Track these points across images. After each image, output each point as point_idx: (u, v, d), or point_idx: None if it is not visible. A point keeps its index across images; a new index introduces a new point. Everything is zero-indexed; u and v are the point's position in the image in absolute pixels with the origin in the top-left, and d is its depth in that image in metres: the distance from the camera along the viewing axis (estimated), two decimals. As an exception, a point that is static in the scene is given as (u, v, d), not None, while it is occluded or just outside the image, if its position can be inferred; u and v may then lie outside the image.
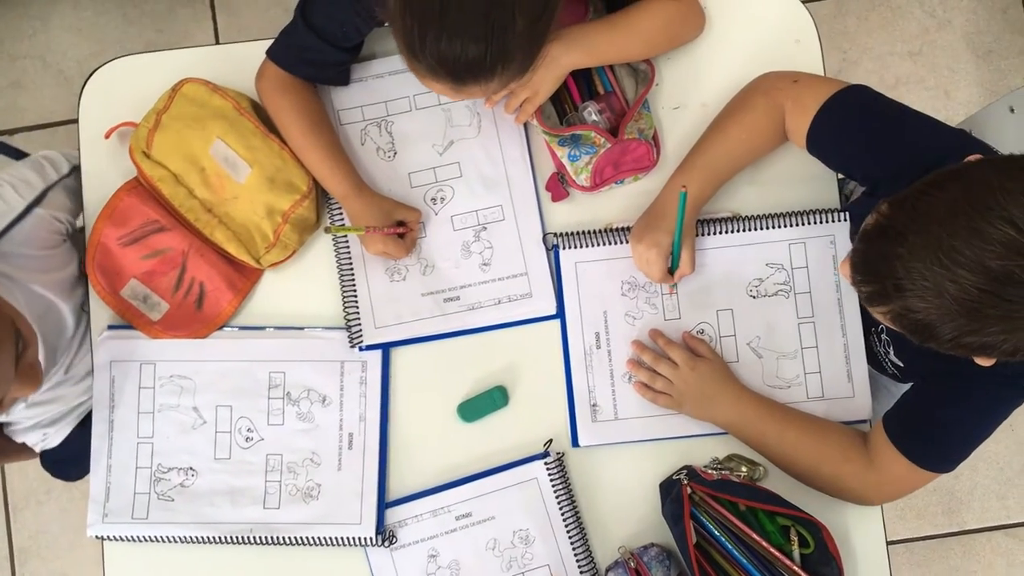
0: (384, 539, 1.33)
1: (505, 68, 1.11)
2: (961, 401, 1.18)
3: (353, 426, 1.35)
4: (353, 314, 1.37)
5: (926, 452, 1.22)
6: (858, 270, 1.02)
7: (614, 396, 1.36)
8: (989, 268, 0.89)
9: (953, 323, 0.94)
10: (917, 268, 0.93)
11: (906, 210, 0.96)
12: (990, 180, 0.92)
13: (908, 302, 0.95)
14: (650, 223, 1.32)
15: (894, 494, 1.28)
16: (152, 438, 1.37)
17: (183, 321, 1.38)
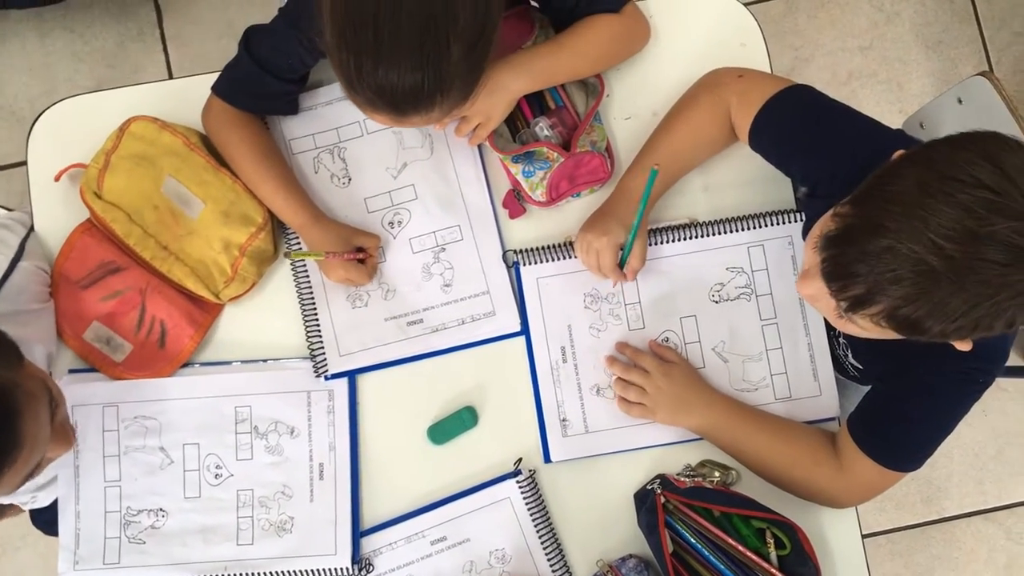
0: (361, 568, 1.32)
1: (445, 97, 1.11)
2: (920, 399, 1.19)
3: (323, 456, 1.34)
4: (317, 343, 1.36)
5: (891, 453, 1.23)
6: (836, 277, 0.98)
7: (583, 410, 1.36)
8: (980, 236, 0.89)
9: (948, 307, 0.92)
10: (902, 253, 0.91)
11: (874, 202, 0.96)
12: (947, 154, 0.93)
13: (898, 294, 0.93)
14: (600, 216, 1.32)
15: (864, 496, 1.29)
16: (119, 481, 1.35)
17: (147, 361, 1.37)
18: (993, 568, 2.31)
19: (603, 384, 1.37)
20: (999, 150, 0.92)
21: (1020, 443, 2.33)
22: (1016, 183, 0.89)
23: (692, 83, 1.37)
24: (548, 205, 1.38)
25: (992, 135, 0.94)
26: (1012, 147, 0.93)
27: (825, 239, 1.00)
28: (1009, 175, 0.90)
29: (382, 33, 1.04)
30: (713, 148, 1.36)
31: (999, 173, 0.90)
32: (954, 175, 0.91)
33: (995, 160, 0.90)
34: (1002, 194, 0.89)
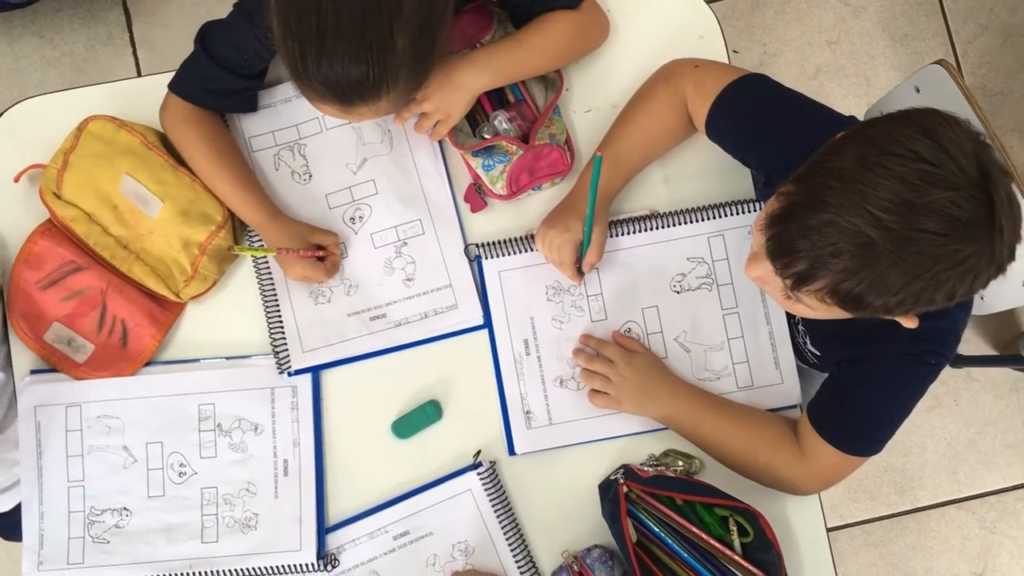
0: (327, 563, 1.32)
1: (391, 87, 1.11)
2: (875, 383, 1.20)
3: (287, 452, 1.34)
4: (280, 340, 1.36)
5: (849, 438, 1.24)
6: (780, 254, 1.00)
7: (547, 401, 1.37)
8: (917, 206, 0.90)
9: (888, 280, 0.94)
10: (843, 226, 0.93)
11: (815, 179, 0.97)
12: (886, 129, 0.95)
13: (839, 269, 0.95)
14: (561, 211, 1.33)
15: (826, 482, 1.29)
16: (83, 481, 1.35)
17: (109, 361, 1.36)
18: (967, 557, 2.32)
19: (566, 376, 1.37)
20: (936, 124, 0.93)
21: (992, 432, 2.35)
22: (952, 155, 0.91)
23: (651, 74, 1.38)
24: (509, 198, 1.38)
25: (930, 111, 0.96)
26: (949, 122, 0.94)
27: (769, 218, 1.01)
28: (945, 147, 0.91)
29: (325, 22, 1.04)
30: (672, 139, 1.37)
31: (935, 146, 0.91)
32: (892, 149, 0.92)
33: (932, 134, 0.92)
34: (938, 166, 0.91)
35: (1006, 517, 2.33)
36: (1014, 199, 0.95)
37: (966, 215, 0.91)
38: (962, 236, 0.92)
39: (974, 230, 0.92)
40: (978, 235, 0.92)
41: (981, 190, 0.92)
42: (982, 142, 0.96)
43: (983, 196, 0.92)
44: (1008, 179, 0.95)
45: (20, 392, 1.36)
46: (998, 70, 2.44)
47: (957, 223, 0.91)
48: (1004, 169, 0.95)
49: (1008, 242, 0.95)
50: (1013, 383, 2.35)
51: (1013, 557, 2.32)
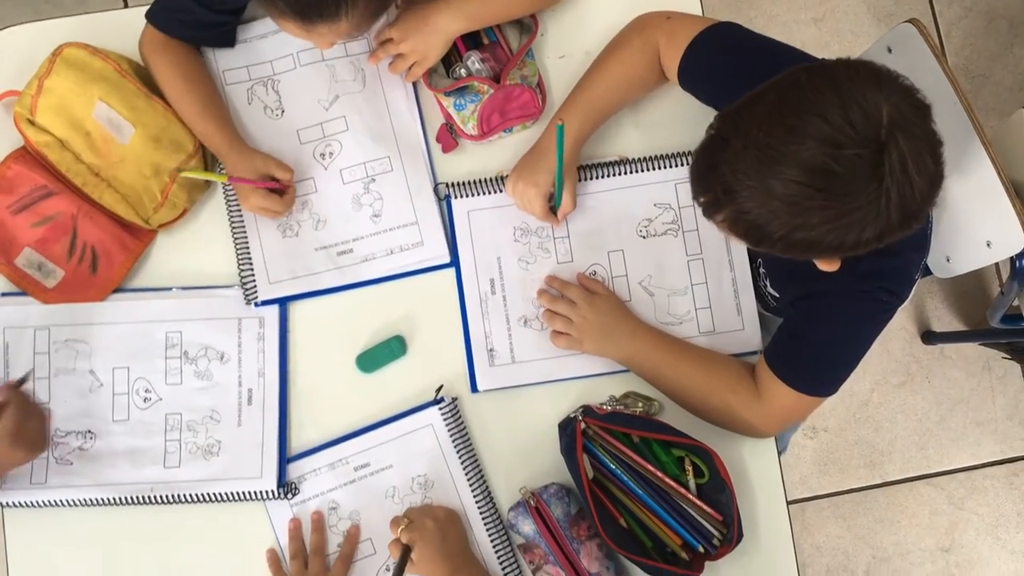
0: (287, 492, 1.33)
1: (351, 8, 1.13)
2: (827, 322, 1.22)
3: (252, 382, 1.36)
4: (247, 270, 1.37)
5: (804, 377, 1.25)
6: (694, 183, 1.06)
7: (511, 340, 1.38)
8: (805, 161, 0.93)
9: (780, 220, 0.97)
10: (741, 169, 0.97)
11: (730, 119, 1.01)
12: (801, 82, 0.97)
13: (739, 204, 0.99)
14: (529, 163, 1.34)
15: (782, 423, 1.31)
16: (49, 403, 1.36)
17: (78, 286, 1.37)
18: (934, 532, 2.34)
19: (531, 316, 1.39)
20: (850, 79, 0.94)
21: (963, 410, 2.37)
22: (849, 112, 0.92)
23: (625, 25, 1.39)
24: (480, 139, 1.39)
25: (861, 64, 0.97)
26: (869, 78, 0.95)
27: (697, 148, 1.05)
28: (847, 103, 0.92)
29: None
30: (643, 88, 1.38)
31: (837, 101, 0.93)
32: (799, 100, 0.95)
33: (840, 88, 0.93)
34: (830, 122, 0.92)
35: (974, 494, 2.35)
36: (918, 166, 0.94)
37: (849, 173, 0.93)
38: (840, 192, 0.94)
39: (855, 188, 0.94)
40: (859, 193, 0.94)
41: (873, 150, 0.92)
42: (908, 101, 0.95)
43: (873, 156, 0.92)
44: (926, 147, 0.95)
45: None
46: (981, 52, 2.45)
47: (835, 179, 0.93)
48: (924, 136, 0.95)
49: (900, 205, 0.95)
50: (985, 362, 2.37)
51: (980, 534, 2.34)
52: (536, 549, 1.30)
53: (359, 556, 1.34)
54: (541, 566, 1.30)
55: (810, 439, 2.36)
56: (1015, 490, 2.35)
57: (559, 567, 1.29)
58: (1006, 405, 2.36)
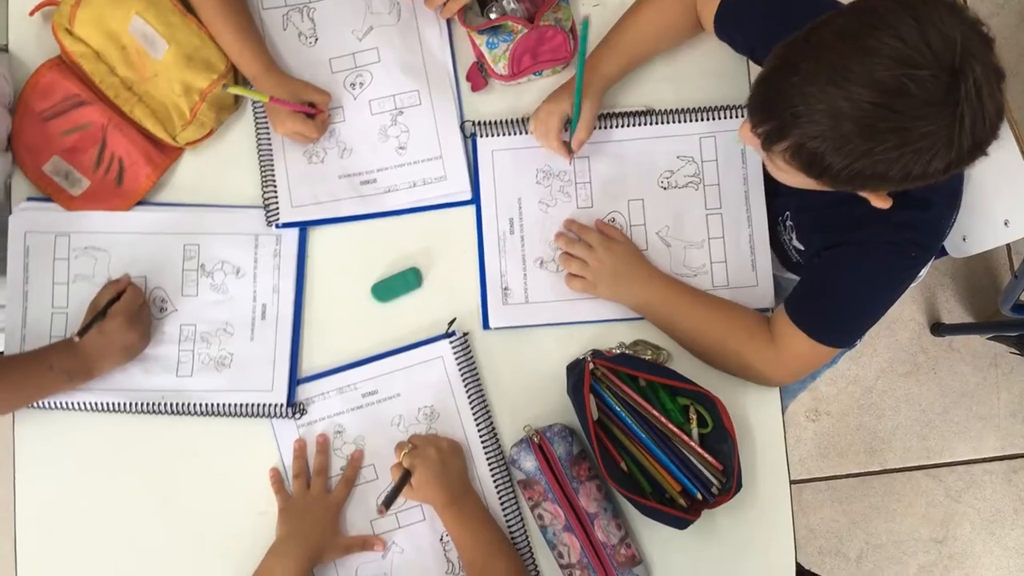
0: (295, 411, 1.35)
1: None
2: (853, 271, 1.22)
3: (266, 297, 1.37)
4: (271, 192, 1.39)
5: (823, 326, 1.25)
6: (755, 111, 1.04)
7: (525, 280, 1.39)
8: (879, 80, 0.92)
9: (848, 147, 0.96)
10: (811, 92, 0.96)
11: (797, 45, 1.00)
12: (875, 5, 0.96)
13: (804, 129, 0.97)
14: (555, 92, 1.36)
15: (796, 371, 1.32)
16: (67, 308, 1.37)
17: (103, 197, 1.39)
18: (929, 523, 2.35)
19: (547, 258, 1.40)
20: (923, 3, 0.94)
21: (966, 404, 2.37)
22: (927, 35, 0.92)
23: None
24: (510, 80, 1.40)
25: None
26: (942, 5, 0.95)
27: (758, 77, 1.04)
28: (924, 27, 0.92)
29: None
30: (677, 36, 1.39)
31: (914, 25, 0.92)
32: (872, 22, 0.94)
33: (916, 12, 0.93)
34: (909, 43, 0.92)
35: (972, 488, 2.36)
36: (989, 94, 0.94)
37: (924, 95, 0.92)
38: (917, 115, 0.93)
39: (931, 111, 0.93)
40: (934, 117, 0.93)
41: (949, 74, 0.92)
42: (976, 32, 0.95)
43: (949, 80, 0.92)
44: (995, 77, 0.95)
45: (13, 217, 1.39)
46: (1012, 49, 2.45)
47: (910, 100, 0.92)
48: (993, 67, 0.95)
49: (972, 132, 0.95)
50: (993, 357, 2.38)
51: (975, 528, 2.35)
52: (536, 486, 1.32)
53: (361, 481, 1.35)
54: (539, 503, 1.32)
55: (812, 422, 2.37)
56: (1013, 487, 2.35)
57: (557, 505, 1.30)
58: (1010, 402, 2.37)
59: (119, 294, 1.31)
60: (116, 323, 1.29)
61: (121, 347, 1.30)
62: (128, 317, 1.30)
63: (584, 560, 1.29)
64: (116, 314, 1.29)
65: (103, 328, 1.28)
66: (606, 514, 1.32)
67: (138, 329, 1.31)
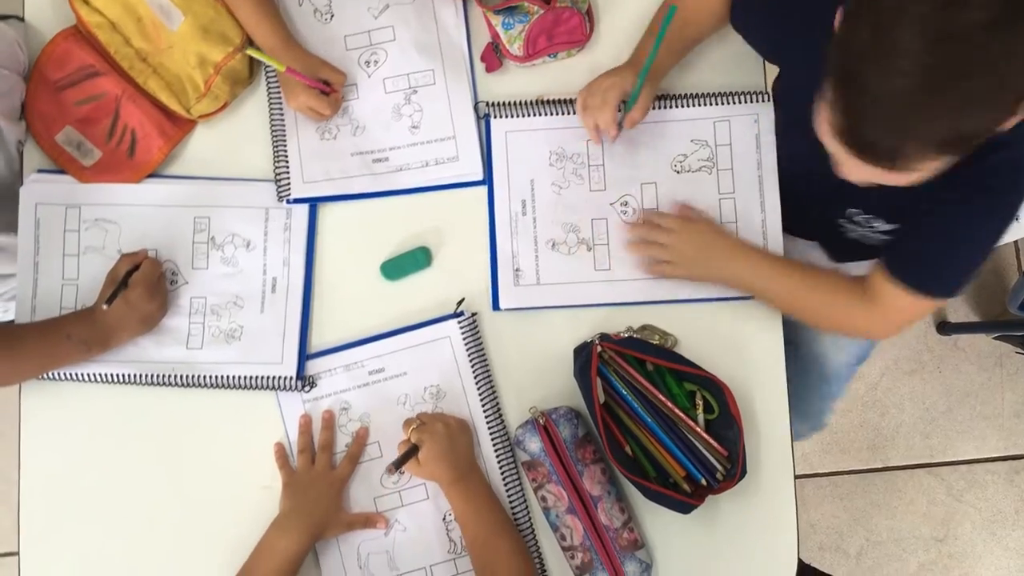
0: (304, 385, 1.35)
1: None
2: (948, 220, 1.18)
3: (277, 270, 1.37)
4: (283, 167, 1.39)
5: (922, 277, 1.23)
6: (866, 154, 0.98)
7: (537, 262, 1.39)
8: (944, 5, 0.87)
9: (970, 82, 0.89)
10: (900, 84, 0.90)
11: (838, 62, 0.96)
12: None
13: (922, 116, 0.92)
14: (619, 68, 1.34)
15: (898, 325, 1.30)
16: (77, 280, 1.37)
17: (115, 168, 1.39)
18: (930, 521, 2.35)
19: (559, 240, 1.40)
20: None
21: (971, 403, 2.37)
22: None
23: None
24: (525, 61, 1.40)
25: None
26: None
27: (835, 130, 1.00)
28: None
29: None
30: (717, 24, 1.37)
31: None
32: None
33: None
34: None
35: (974, 488, 2.36)
36: None
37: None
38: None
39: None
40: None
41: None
42: None
43: None
44: None
45: (24, 188, 1.39)
46: None
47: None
48: None
49: None
50: (998, 357, 2.37)
51: (975, 528, 2.35)
52: (540, 467, 1.31)
53: (365, 458, 1.35)
54: (543, 484, 1.32)
55: (816, 417, 2.36)
56: (1015, 487, 2.35)
57: (561, 487, 1.30)
58: (1015, 402, 2.36)
59: (136, 266, 1.32)
60: (137, 293, 1.29)
61: (141, 317, 1.30)
62: (149, 287, 1.30)
63: (586, 543, 1.29)
64: (137, 284, 1.29)
65: (128, 298, 1.29)
66: (610, 497, 1.31)
67: (157, 300, 1.32)
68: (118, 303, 1.28)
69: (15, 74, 1.37)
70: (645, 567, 1.30)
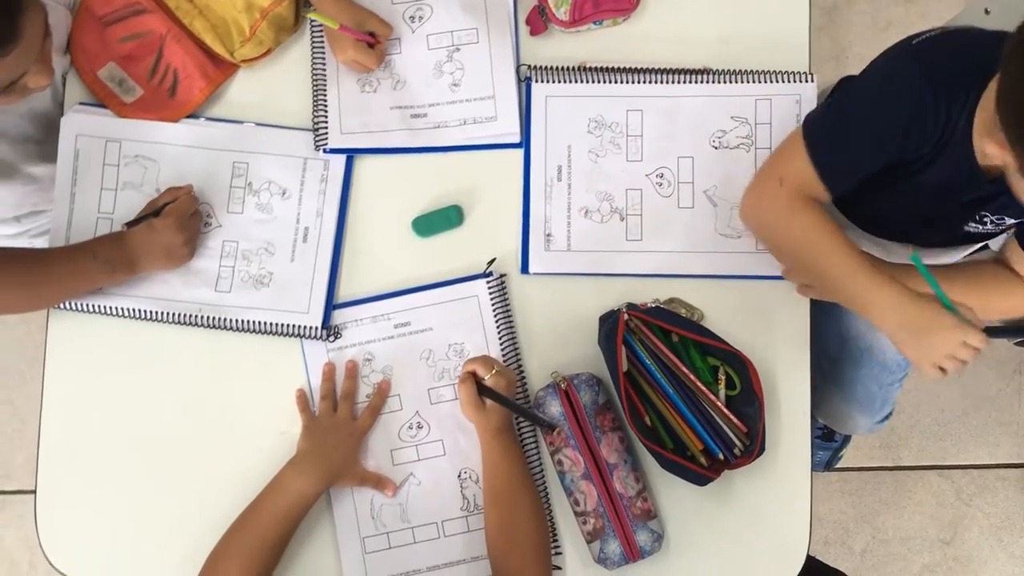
0: (330, 334, 1.35)
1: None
2: None
3: (310, 220, 1.38)
4: (321, 117, 1.39)
5: None
6: None
7: (569, 228, 1.39)
8: None
9: None
10: None
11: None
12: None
13: None
14: (919, 325, 1.19)
15: None
16: (112, 214, 1.38)
17: (155, 106, 1.40)
18: (938, 523, 2.34)
19: (592, 207, 1.40)
20: None
21: (987, 408, 2.36)
22: None
23: None
24: (570, 26, 1.40)
25: None
26: None
27: None
28: None
29: None
30: None
31: None
32: None
33: None
34: None
35: (984, 493, 2.35)
36: None
37: None
38: None
39: None
40: None
41: None
42: None
43: None
44: None
45: (65, 118, 1.40)
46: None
47: None
48: None
49: None
50: (1018, 364, 2.36)
51: (983, 532, 2.34)
52: (559, 432, 1.32)
53: (385, 410, 1.36)
54: (560, 449, 1.32)
55: (830, 411, 2.35)
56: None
57: (578, 452, 1.31)
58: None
59: (175, 200, 1.33)
60: (166, 222, 1.30)
61: (166, 247, 1.31)
62: (179, 219, 1.31)
63: (600, 509, 1.30)
64: (168, 214, 1.30)
65: (153, 224, 1.30)
66: (626, 466, 1.32)
67: (185, 234, 1.32)
68: (142, 228, 1.30)
69: (62, 6, 1.37)
70: (656, 537, 1.31)
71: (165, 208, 1.31)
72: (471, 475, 1.34)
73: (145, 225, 1.30)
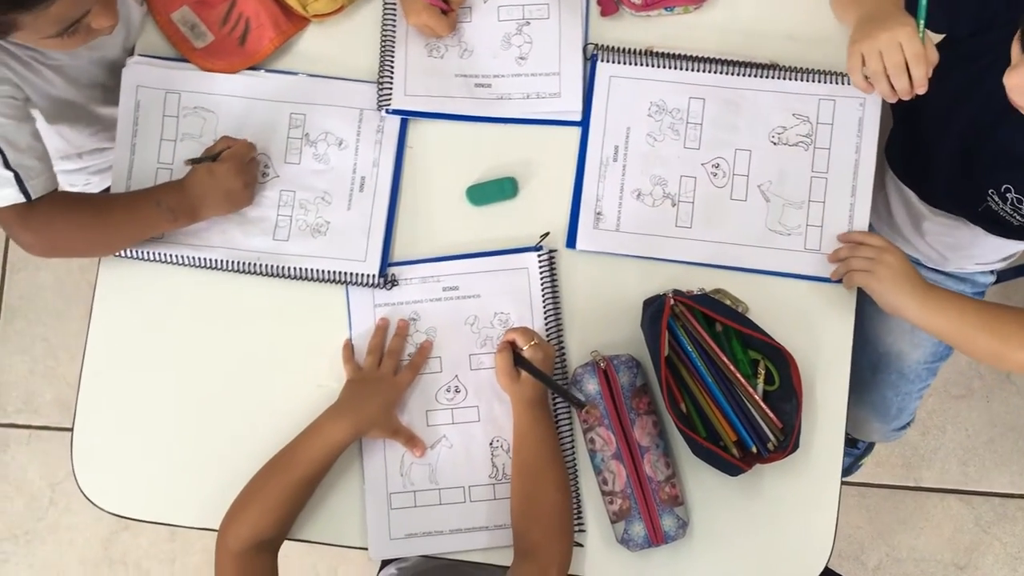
0: (387, 282, 1.37)
1: None
2: None
3: (366, 170, 1.39)
4: (387, 77, 1.40)
5: None
6: None
7: (620, 208, 1.40)
8: None
9: None
10: None
11: None
12: None
13: None
14: (875, 21, 1.22)
15: None
16: (171, 164, 1.40)
17: (224, 54, 1.41)
18: (954, 548, 2.33)
19: (645, 190, 1.40)
20: None
21: (1013, 437, 2.34)
22: None
23: None
24: (641, 10, 1.40)
25: None
26: None
27: None
28: None
29: None
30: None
31: None
32: None
33: None
34: None
35: (1003, 521, 2.33)
36: None
37: None
38: None
39: None
40: None
41: None
42: None
43: None
44: None
45: (126, 69, 1.41)
46: None
47: None
48: None
49: None
50: (1049, 396, 2.35)
51: (999, 561, 2.32)
52: (593, 410, 1.32)
53: (425, 371, 1.37)
54: (593, 427, 1.33)
55: (856, 425, 2.35)
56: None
57: (611, 432, 1.31)
58: (1059, 444, 2.34)
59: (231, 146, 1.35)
60: (225, 167, 1.31)
61: (225, 192, 1.32)
62: (238, 164, 1.32)
63: (628, 490, 1.30)
64: (227, 159, 1.32)
65: (212, 169, 1.31)
66: (657, 450, 1.32)
67: (243, 179, 1.33)
68: (202, 172, 1.31)
69: None
70: (681, 523, 1.31)
71: (223, 153, 1.33)
72: (503, 444, 1.35)
73: (205, 170, 1.31)
